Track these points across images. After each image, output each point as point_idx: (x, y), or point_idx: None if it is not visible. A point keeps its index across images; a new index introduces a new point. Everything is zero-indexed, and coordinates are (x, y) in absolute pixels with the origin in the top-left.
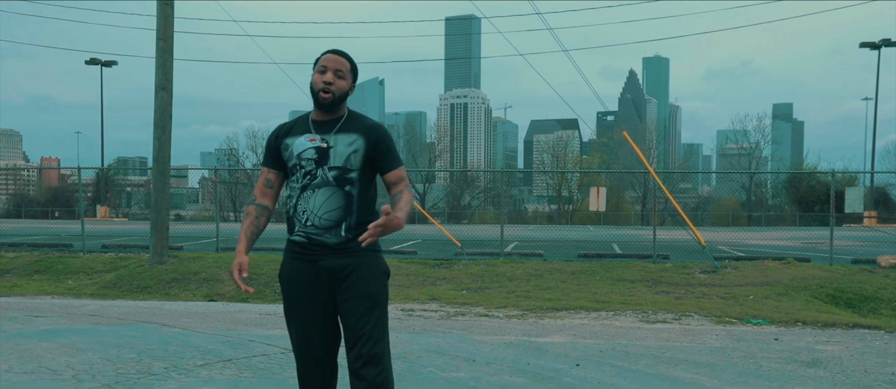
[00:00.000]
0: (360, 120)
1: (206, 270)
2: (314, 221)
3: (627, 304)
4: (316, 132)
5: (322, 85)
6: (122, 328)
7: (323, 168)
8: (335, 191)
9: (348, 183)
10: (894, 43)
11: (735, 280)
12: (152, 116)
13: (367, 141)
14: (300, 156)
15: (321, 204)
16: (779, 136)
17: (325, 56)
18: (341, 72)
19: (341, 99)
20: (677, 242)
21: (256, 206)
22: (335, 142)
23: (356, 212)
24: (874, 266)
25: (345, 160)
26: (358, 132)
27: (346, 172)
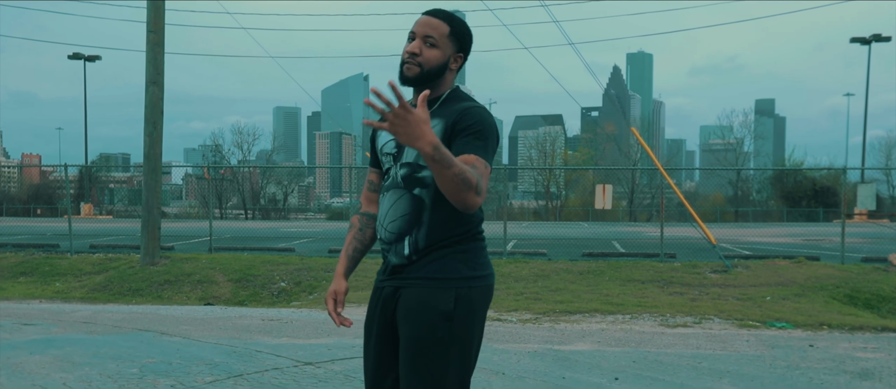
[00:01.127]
0: (457, 102)
1: (200, 272)
2: (382, 233)
3: (642, 307)
4: None
5: (406, 55)
6: (119, 337)
7: (396, 165)
8: (402, 195)
9: (418, 184)
10: (885, 38)
11: (748, 280)
12: (142, 112)
13: (446, 125)
14: (382, 151)
15: (387, 210)
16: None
17: (418, 20)
18: (432, 39)
19: (432, 73)
20: (682, 240)
21: (359, 216)
22: None
23: (426, 225)
24: (887, 264)
25: (417, 154)
26: (443, 116)
27: (418, 170)
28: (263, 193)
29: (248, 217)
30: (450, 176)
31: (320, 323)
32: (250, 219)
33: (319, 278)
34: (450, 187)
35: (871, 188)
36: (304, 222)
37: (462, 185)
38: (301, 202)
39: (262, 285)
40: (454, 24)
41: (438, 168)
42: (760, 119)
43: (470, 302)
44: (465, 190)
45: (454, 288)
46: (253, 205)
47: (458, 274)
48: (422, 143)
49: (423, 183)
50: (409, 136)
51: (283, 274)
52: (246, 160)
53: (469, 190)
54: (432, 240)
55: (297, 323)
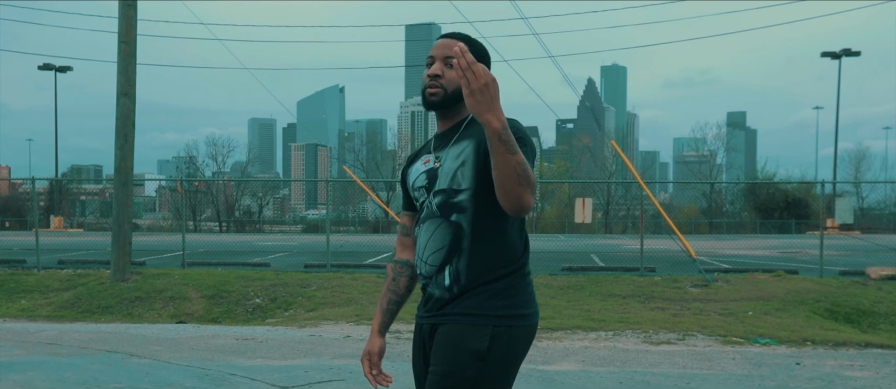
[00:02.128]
0: None
1: (173, 288)
2: (422, 268)
3: (625, 323)
4: (434, 149)
5: (427, 80)
6: (85, 360)
7: (430, 195)
8: (440, 225)
9: (455, 209)
10: (855, 53)
11: (729, 294)
12: (114, 124)
13: (477, 143)
14: (413, 186)
15: (425, 243)
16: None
17: (435, 44)
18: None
19: (457, 94)
20: (661, 253)
21: (393, 264)
22: (445, 157)
23: (467, 253)
24: (864, 278)
25: (451, 179)
26: (473, 135)
27: (453, 195)
28: (238, 205)
29: (222, 230)
30: (513, 163)
31: (296, 343)
32: (225, 232)
33: (295, 294)
34: (509, 179)
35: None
36: (280, 235)
37: (523, 178)
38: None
39: (236, 301)
40: (472, 43)
41: (503, 152)
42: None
43: (508, 343)
44: (524, 184)
45: (491, 327)
46: (227, 218)
47: (497, 312)
48: (496, 116)
49: (460, 207)
50: (488, 105)
51: (258, 289)
52: (220, 172)
53: (528, 185)
54: (475, 272)
55: (272, 342)
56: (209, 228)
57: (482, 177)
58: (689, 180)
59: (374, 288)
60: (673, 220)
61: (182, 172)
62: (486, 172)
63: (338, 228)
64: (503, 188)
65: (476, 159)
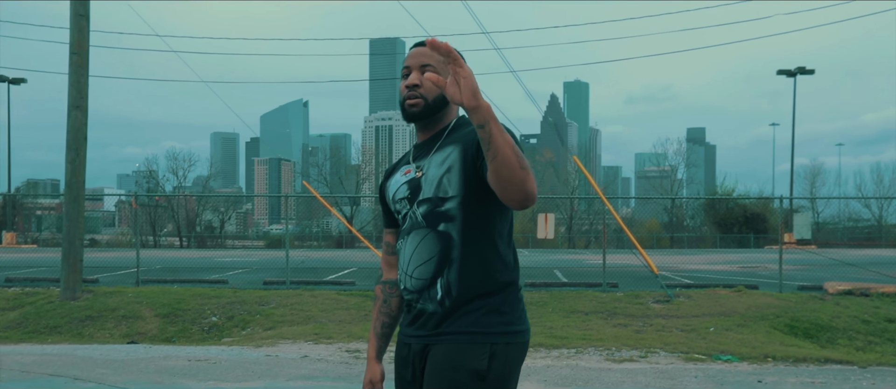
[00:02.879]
0: (467, 127)
1: (126, 306)
2: (407, 283)
3: (587, 340)
4: (414, 159)
5: (405, 91)
6: (25, 385)
7: (413, 205)
8: (426, 235)
9: (443, 218)
10: (809, 71)
11: (690, 310)
12: (65, 137)
13: (463, 147)
14: (394, 199)
15: (410, 256)
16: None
17: (408, 54)
18: (431, 67)
19: (438, 103)
20: (623, 268)
21: (382, 285)
22: (428, 165)
23: (458, 263)
24: (822, 292)
25: (436, 186)
26: (456, 142)
27: (440, 203)
28: (199, 221)
29: (183, 245)
30: (510, 145)
31: (251, 364)
32: (186, 247)
33: (253, 312)
34: (509, 164)
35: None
36: (241, 251)
37: (521, 160)
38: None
39: (192, 320)
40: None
41: (499, 132)
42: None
43: (506, 360)
44: (524, 166)
45: (489, 345)
46: (188, 233)
47: (494, 329)
48: (483, 102)
49: (448, 216)
50: (474, 91)
51: (215, 307)
52: (181, 186)
53: (527, 169)
54: (467, 284)
55: (226, 363)
56: (170, 244)
57: (471, 183)
58: (651, 195)
59: (334, 306)
60: (635, 235)
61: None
62: (474, 178)
63: (301, 243)
64: (505, 177)
65: (463, 164)
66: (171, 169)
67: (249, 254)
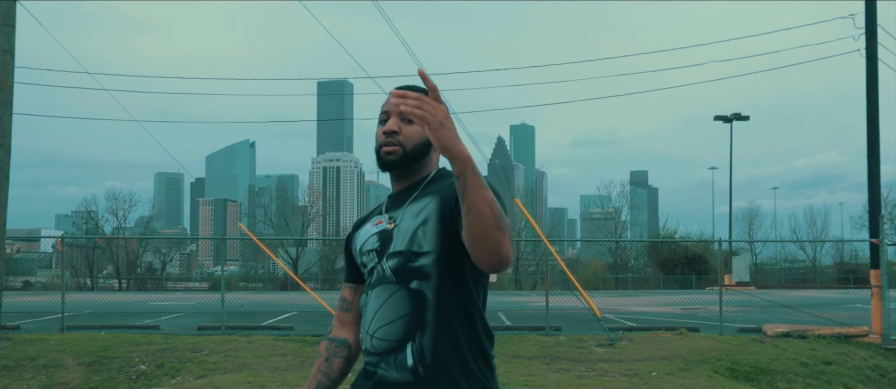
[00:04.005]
0: (448, 178)
1: (46, 355)
2: (369, 343)
3: (529, 387)
4: (387, 210)
5: (382, 137)
6: None
7: (382, 260)
8: (395, 291)
9: (416, 275)
10: (744, 117)
11: (633, 354)
12: None
13: (441, 199)
14: (361, 250)
15: (374, 313)
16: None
17: (388, 99)
18: None
19: (417, 152)
20: (567, 310)
21: (328, 342)
22: (402, 216)
23: (432, 326)
24: (762, 335)
25: (409, 239)
26: (435, 193)
27: (413, 258)
28: (140, 262)
29: (121, 288)
30: (489, 200)
31: None
32: (124, 290)
33: (184, 359)
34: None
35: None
36: (182, 293)
37: (498, 220)
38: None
39: (118, 368)
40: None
41: (478, 186)
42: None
43: None
44: (501, 228)
45: None
46: (128, 275)
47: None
48: (460, 147)
49: (422, 273)
50: (451, 134)
51: (144, 355)
52: (121, 227)
53: (505, 230)
54: (441, 350)
55: None
56: (109, 287)
57: (449, 239)
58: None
59: (271, 352)
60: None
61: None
62: (452, 234)
63: (246, 285)
64: (478, 235)
65: (440, 217)
66: (111, 209)
67: (187, 298)
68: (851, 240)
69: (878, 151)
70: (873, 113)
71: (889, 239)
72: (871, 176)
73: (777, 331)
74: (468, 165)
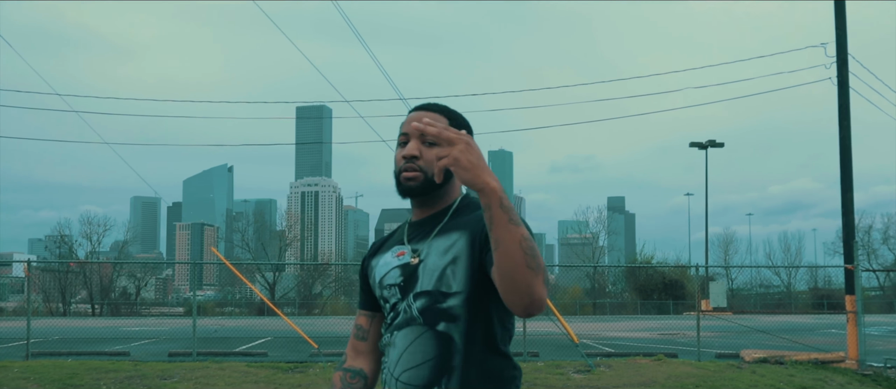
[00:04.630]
0: (474, 210)
1: (9, 382)
2: (392, 386)
3: None
4: (409, 240)
5: (402, 162)
6: None
7: (408, 297)
8: (422, 333)
9: (444, 317)
10: (719, 144)
11: (611, 380)
12: None
13: (471, 236)
14: (381, 284)
15: (399, 356)
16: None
17: (408, 117)
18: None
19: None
20: (545, 336)
21: (341, 373)
22: (428, 251)
23: (459, 371)
24: (739, 361)
25: (437, 278)
26: (463, 227)
27: (441, 299)
28: (114, 287)
29: (94, 313)
30: (518, 238)
31: None
32: (98, 315)
33: (153, 386)
34: (515, 259)
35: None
36: (156, 319)
37: (530, 258)
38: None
39: None
40: (451, 114)
41: (506, 222)
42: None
43: None
44: (534, 267)
45: None
46: (101, 300)
47: None
48: (490, 179)
49: (450, 315)
50: (478, 167)
51: (112, 383)
52: (95, 251)
53: (538, 269)
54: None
55: None
56: (83, 312)
57: (478, 278)
58: (574, 262)
59: (243, 379)
60: (559, 301)
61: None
62: (481, 273)
63: (221, 310)
64: (507, 273)
65: (470, 256)
66: (85, 233)
67: (161, 323)
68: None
69: (851, 178)
70: (845, 140)
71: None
72: (845, 202)
73: (754, 357)
74: (494, 198)
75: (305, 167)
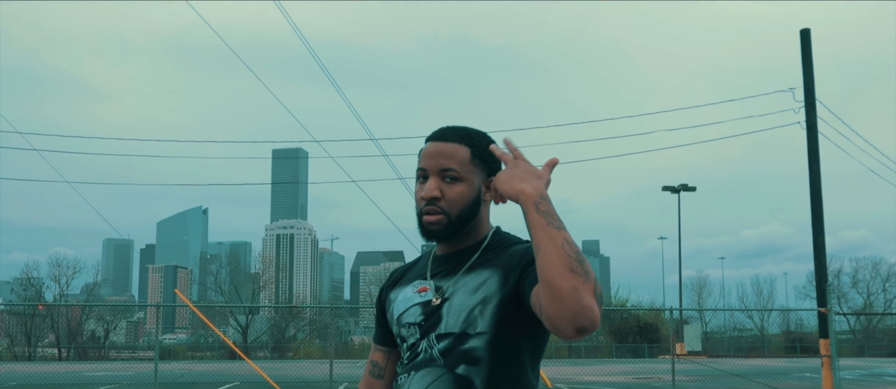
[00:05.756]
0: (506, 246)
1: None
2: None
3: None
4: (433, 275)
5: (422, 203)
6: None
7: (429, 337)
8: (441, 376)
9: (465, 359)
10: (691, 188)
11: None
12: None
13: (504, 273)
14: (401, 321)
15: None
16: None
17: (424, 149)
18: (453, 172)
19: (464, 216)
20: None
21: None
22: (454, 289)
23: None
24: None
25: (464, 320)
26: (494, 265)
27: (464, 340)
28: (83, 331)
29: (61, 357)
30: (560, 240)
31: None
32: (65, 360)
33: None
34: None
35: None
36: (124, 363)
37: (574, 261)
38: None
39: None
40: (474, 141)
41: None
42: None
43: None
44: (577, 270)
45: None
46: (68, 344)
47: None
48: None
49: (472, 357)
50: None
51: None
52: (63, 294)
53: (583, 275)
54: None
55: None
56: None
57: (504, 318)
58: None
59: None
60: None
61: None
62: (512, 310)
63: (193, 354)
64: (552, 281)
65: (501, 296)
66: (53, 276)
67: (127, 367)
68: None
69: (822, 221)
70: (816, 184)
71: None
72: (817, 245)
73: None
74: (529, 203)
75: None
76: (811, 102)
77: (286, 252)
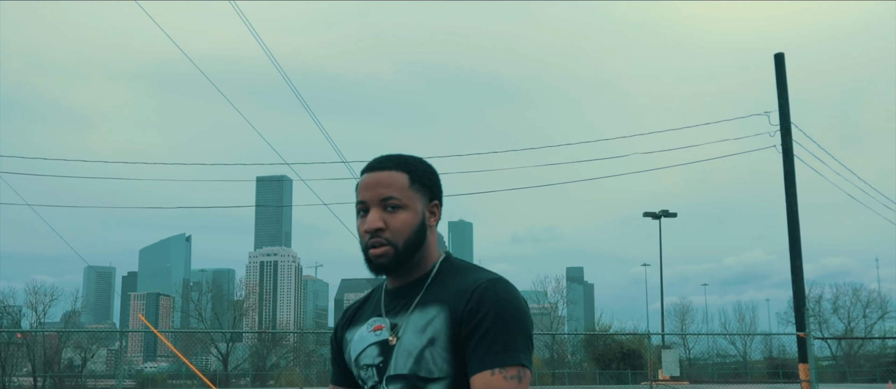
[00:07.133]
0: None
1: None
2: None
3: None
4: (386, 312)
5: (367, 237)
6: None
7: (384, 383)
8: None
9: None
10: (672, 214)
11: None
12: None
13: (451, 315)
14: (358, 362)
15: None
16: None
17: (361, 182)
18: (394, 200)
19: (411, 246)
20: None
21: None
22: (404, 328)
23: None
24: None
25: (415, 361)
26: (442, 302)
27: (420, 384)
28: (60, 359)
29: (37, 387)
30: None
31: None
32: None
33: None
34: None
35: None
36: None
37: None
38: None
39: None
40: (411, 167)
41: None
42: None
43: None
44: None
45: None
46: (43, 373)
47: None
48: None
49: None
50: None
51: None
52: (41, 322)
53: None
54: None
55: None
56: (27, 386)
57: (460, 359)
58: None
59: None
60: None
61: None
62: (461, 355)
63: (174, 382)
64: None
65: (450, 335)
66: (30, 304)
67: None
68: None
69: (799, 244)
70: (792, 208)
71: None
72: (794, 269)
73: None
74: None
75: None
76: (786, 126)
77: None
